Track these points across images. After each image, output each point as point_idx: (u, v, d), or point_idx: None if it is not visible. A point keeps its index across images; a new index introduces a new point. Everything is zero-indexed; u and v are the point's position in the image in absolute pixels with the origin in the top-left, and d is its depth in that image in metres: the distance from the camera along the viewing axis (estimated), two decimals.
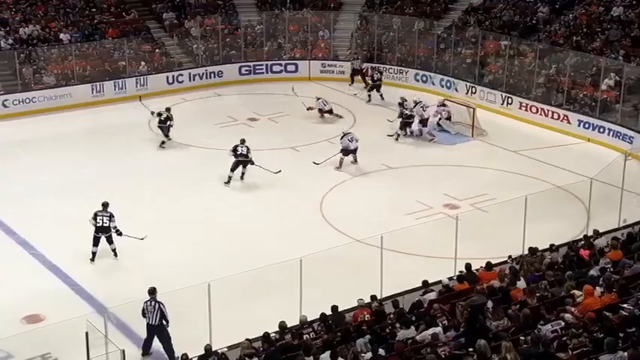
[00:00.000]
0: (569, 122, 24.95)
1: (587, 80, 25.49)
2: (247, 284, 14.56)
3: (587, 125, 24.51)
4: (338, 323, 12.59)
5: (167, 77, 28.78)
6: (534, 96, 26.26)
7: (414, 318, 12.46)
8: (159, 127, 23.56)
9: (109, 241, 16.73)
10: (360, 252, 16.10)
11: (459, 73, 28.55)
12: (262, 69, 30.38)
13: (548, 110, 25.56)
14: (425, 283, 13.92)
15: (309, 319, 12.70)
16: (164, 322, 13.28)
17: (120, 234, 16.66)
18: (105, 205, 16.86)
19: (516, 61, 27.42)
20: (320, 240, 16.52)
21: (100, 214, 16.67)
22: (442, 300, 13.14)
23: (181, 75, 29.05)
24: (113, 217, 16.69)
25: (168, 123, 23.38)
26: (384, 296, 13.77)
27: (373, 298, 13.29)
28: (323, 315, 12.65)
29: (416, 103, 24.55)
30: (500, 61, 27.67)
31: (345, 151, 21.84)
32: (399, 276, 14.80)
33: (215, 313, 12.95)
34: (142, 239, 16.70)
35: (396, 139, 24.05)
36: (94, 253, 16.68)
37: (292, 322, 12.71)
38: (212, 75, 29.62)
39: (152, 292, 13.29)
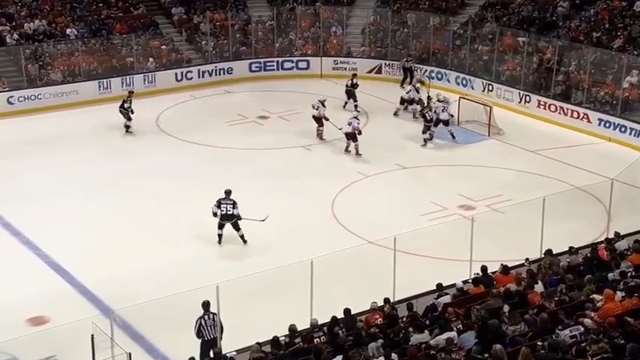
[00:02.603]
0: (589, 121, 24.82)
1: (608, 78, 25.35)
2: (257, 286, 14.54)
3: (607, 124, 24.38)
4: (350, 327, 12.57)
5: (176, 74, 28.85)
6: (553, 94, 26.15)
7: (427, 322, 12.42)
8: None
9: (236, 227, 17.28)
10: (373, 254, 16.06)
11: (475, 71, 28.46)
12: (273, 66, 30.41)
13: (567, 109, 25.43)
14: (439, 286, 13.87)
15: (320, 323, 12.67)
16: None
17: (240, 218, 17.21)
18: (227, 192, 17.39)
19: (535, 57, 27.31)
20: (331, 241, 16.51)
21: (224, 202, 17.25)
22: (457, 303, 13.09)
23: (190, 72, 29.11)
24: (236, 204, 17.21)
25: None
26: (397, 299, 13.73)
27: (386, 301, 13.26)
28: (334, 318, 12.62)
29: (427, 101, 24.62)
30: (518, 58, 27.58)
31: (345, 135, 22.67)
32: (413, 279, 14.75)
33: (224, 316, 12.94)
34: (263, 221, 17.19)
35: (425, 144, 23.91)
36: (219, 236, 17.38)
37: (303, 325, 12.69)
38: (222, 72, 29.67)
39: (207, 305, 12.88)
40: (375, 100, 26.63)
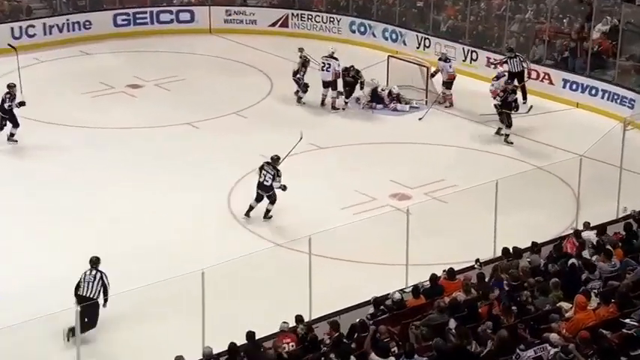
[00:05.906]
0: (551, 82, 25.41)
1: (574, 27, 25.95)
2: (133, 305, 14.46)
3: (574, 86, 24.99)
4: (255, 356, 12.59)
5: (12, 29, 28.30)
6: (507, 49, 26.64)
7: (354, 345, 12.53)
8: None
9: (270, 200, 18.54)
10: (283, 259, 16.13)
11: (407, 21, 28.78)
12: (146, 18, 30.17)
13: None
14: (376, 302, 13.94)
15: (215, 352, 12.66)
16: (101, 298, 14.05)
17: (284, 189, 18.30)
18: (274, 159, 18.50)
19: (482, 3, 27.76)
20: (228, 245, 16.52)
21: (267, 167, 18.42)
22: (390, 319, 13.24)
23: (32, 26, 28.66)
24: (279, 175, 18.25)
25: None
26: (314, 317, 13.83)
27: (299, 319, 13.31)
28: (232, 346, 12.61)
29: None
30: (461, 5, 27.98)
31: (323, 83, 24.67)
32: (335, 289, 14.91)
33: (90, 345, 12.85)
34: (302, 139, 19.15)
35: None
36: (250, 207, 18.60)
37: (193, 356, 12.64)
38: (76, 26, 29.30)
39: (95, 261, 14.49)
40: (281, 62, 26.61)
